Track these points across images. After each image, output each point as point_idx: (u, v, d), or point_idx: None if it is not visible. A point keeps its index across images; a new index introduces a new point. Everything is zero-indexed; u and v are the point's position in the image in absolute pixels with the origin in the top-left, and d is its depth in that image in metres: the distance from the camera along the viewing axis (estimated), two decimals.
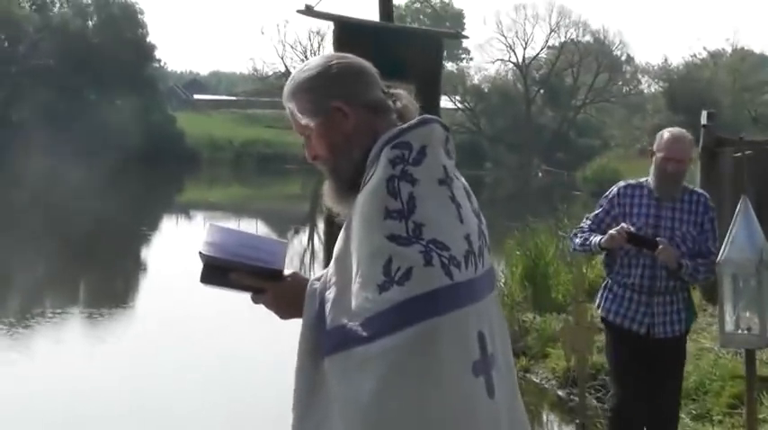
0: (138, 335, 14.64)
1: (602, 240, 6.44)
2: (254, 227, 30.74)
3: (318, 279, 3.06)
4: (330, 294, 2.96)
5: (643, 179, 6.70)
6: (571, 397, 10.12)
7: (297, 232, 32.02)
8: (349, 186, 3.04)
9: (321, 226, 23.05)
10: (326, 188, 3.13)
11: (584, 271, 14.05)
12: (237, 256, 3.03)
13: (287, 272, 3.14)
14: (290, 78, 3.15)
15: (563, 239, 17.05)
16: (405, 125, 2.99)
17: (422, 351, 2.81)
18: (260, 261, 3.05)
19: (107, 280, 21.59)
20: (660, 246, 6.22)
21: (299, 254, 24.85)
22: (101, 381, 11.60)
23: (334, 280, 2.97)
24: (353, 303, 2.86)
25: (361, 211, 2.89)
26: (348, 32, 6.61)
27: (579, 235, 6.72)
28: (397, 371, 2.80)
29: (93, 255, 24.63)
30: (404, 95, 3.15)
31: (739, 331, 5.65)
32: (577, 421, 5.61)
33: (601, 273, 15.78)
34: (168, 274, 19.64)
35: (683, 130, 6.79)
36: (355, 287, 2.87)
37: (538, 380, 11.43)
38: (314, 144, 3.10)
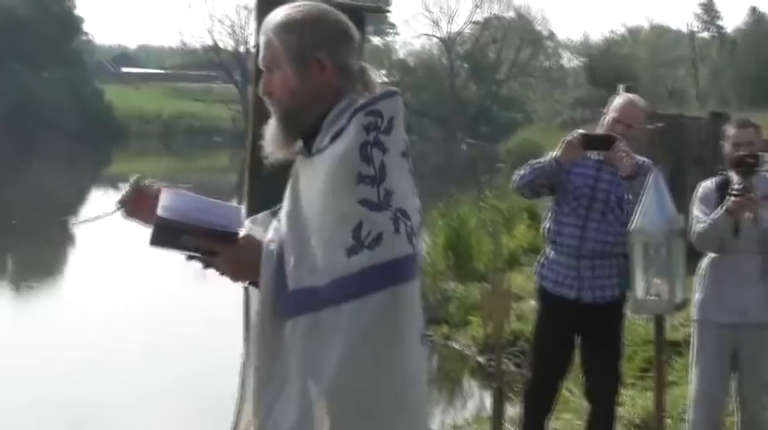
0: (67, 307, 14.55)
1: (558, 152, 6.27)
2: None
3: (273, 240, 3.00)
4: (289, 255, 2.91)
5: None
6: (490, 363, 10.25)
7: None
8: (296, 136, 3.03)
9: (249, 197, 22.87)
10: (270, 130, 3.08)
11: (505, 240, 14.25)
12: (193, 220, 2.95)
13: (241, 234, 3.06)
14: (280, 11, 3.07)
15: (485, 210, 17.26)
16: (376, 94, 2.99)
17: (387, 317, 2.84)
18: (216, 225, 2.97)
19: (34, 252, 21.39)
20: (618, 143, 6.11)
21: None
22: (26, 354, 11.47)
23: (290, 240, 2.93)
24: (319, 265, 2.84)
25: (330, 173, 2.86)
26: (271, 6, 6.58)
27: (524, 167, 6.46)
28: (365, 337, 2.82)
29: (20, 228, 24.35)
30: (371, 70, 3.14)
31: (649, 298, 5.76)
32: (494, 385, 5.70)
33: (521, 243, 16.06)
34: (96, 246, 19.49)
35: (639, 98, 6.76)
36: (321, 249, 2.85)
37: (459, 347, 11.57)
38: (276, 82, 3.04)
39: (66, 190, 34.72)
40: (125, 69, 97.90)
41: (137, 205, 3.17)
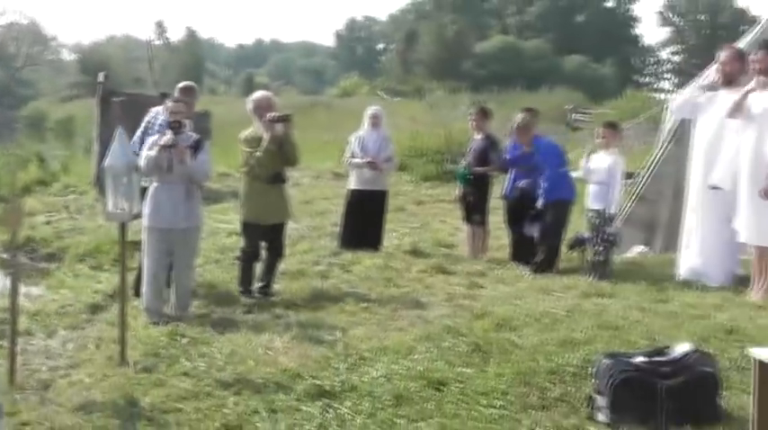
0: None
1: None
2: None
3: None
4: None
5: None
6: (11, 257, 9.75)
7: None
8: None
9: None
10: None
11: (21, 175, 13.53)
12: None
13: None
14: None
15: (5, 155, 16.18)
16: None
17: None
18: None
19: None
20: None
21: None
22: None
23: None
24: None
25: None
26: None
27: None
28: None
29: None
30: None
31: (117, 211, 5.80)
32: (11, 272, 5.52)
33: (33, 178, 15.11)
34: None
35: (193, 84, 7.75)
36: None
37: None
38: None
39: None
40: None
41: None
